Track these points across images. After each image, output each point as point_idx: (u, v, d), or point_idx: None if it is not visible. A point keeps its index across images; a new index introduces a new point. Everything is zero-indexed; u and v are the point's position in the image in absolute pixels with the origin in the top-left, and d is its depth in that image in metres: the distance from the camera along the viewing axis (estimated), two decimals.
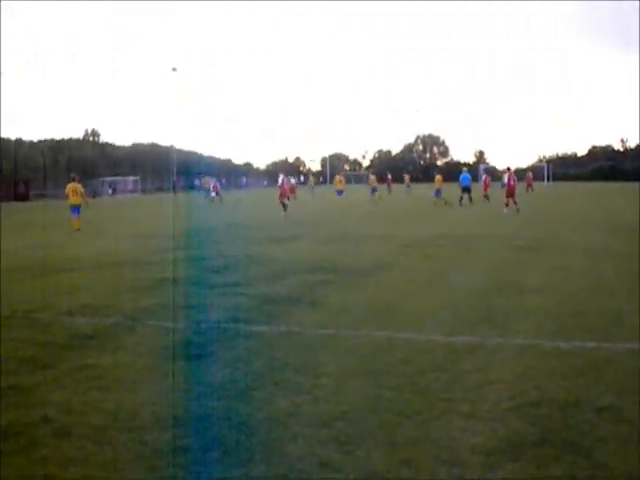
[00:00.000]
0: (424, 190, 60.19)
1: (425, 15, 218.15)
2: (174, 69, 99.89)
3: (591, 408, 5.81)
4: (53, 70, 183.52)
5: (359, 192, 61.25)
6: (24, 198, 78.39)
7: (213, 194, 54.70)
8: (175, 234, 24.78)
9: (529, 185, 61.02)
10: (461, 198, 40.75)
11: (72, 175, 31.55)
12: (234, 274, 13.75)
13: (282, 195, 35.62)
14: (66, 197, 28.85)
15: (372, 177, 52.40)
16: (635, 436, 5.20)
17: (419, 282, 12.64)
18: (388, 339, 8.30)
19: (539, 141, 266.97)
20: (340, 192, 44.86)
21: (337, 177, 50.40)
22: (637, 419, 5.53)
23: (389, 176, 73.50)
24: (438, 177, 43.17)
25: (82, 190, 29.11)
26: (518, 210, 32.48)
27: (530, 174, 65.02)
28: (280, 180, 36.49)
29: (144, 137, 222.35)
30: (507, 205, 33.41)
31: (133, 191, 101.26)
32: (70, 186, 29.00)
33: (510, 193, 33.85)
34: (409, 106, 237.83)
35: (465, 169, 43.06)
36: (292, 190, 52.03)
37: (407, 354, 7.56)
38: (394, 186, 70.77)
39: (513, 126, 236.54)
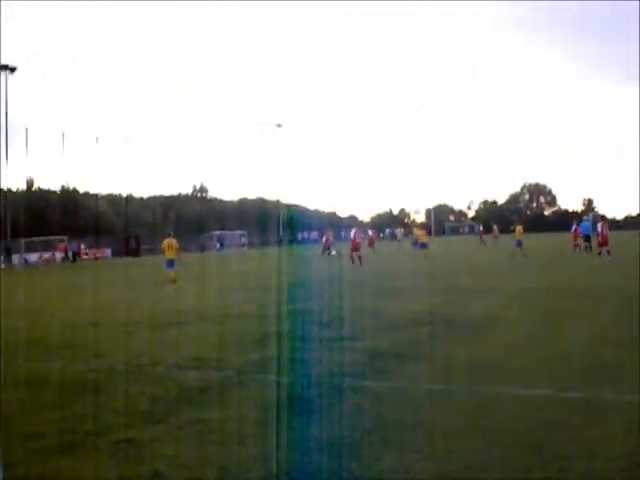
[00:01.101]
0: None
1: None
2: (279, 125, 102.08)
3: None
4: (159, 129, 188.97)
5: (455, 244, 60.57)
6: (135, 253, 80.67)
7: (331, 250, 51.35)
8: (281, 287, 25.01)
9: None
10: (586, 247, 41.55)
11: (168, 231, 33.79)
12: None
13: (353, 249, 37.70)
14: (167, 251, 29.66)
15: (418, 232, 51.17)
16: None
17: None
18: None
19: None
20: (422, 245, 45.52)
21: (417, 231, 53.45)
22: None
23: (481, 228, 74.26)
24: (519, 228, 42.98)
25: (177, 245, 30.16)
26: (610, 258, 32.61)
27: None
28: (352, 234, 38.85)
29: (251, 192, 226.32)
30: (600, 254, 33.85)
31: (241, 245, 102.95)
32: (166, 242, 30.33)
33: (603, 242, 34.20)
34: (514, 154, 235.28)
35: (585, 218, 44.22)
36: (371, 243, 54.14)
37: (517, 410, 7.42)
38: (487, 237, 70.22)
39: (622, 172, 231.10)
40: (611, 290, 19.60)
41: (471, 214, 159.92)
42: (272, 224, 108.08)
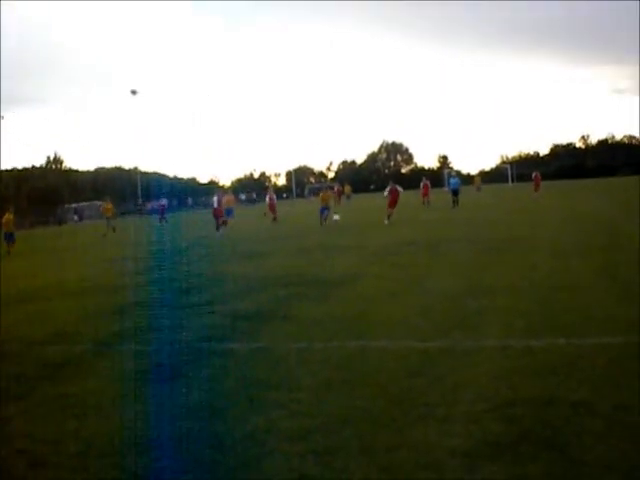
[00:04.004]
0: (370, 200, 61.10)
1: (389, 23, 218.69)
2: (133, 92, 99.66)
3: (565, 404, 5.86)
4: (14, 98, 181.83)
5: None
6: None
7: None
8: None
9: (537, 185, 60.76)
10: (454, 201, 43.52)
11: (9, 207, 37.29)
12: None
13: (216, 215, 35.82)
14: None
15: (227, 197, 45.24)
16: (609, 429, 5.25)
17: None
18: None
19: (501, 143, 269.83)
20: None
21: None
22: (610, 412, 5.59)
23: (336, 188, 74.06)
24: (323, 194, 37.58)
25: (9, 219, 34.22)
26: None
27: (538, 174, 63.59)
28: (215, 200, 36.71)
29: (107, 161, 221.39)
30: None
31: (100, 216, 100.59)
32: (4, 217, 34.57)
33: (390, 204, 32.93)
34: (373, 114, 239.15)
35: (454, 174, 45.59)
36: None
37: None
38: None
39: (475, 129, 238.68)
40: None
41: (331, 175, 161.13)
42: (130, 193, 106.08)
